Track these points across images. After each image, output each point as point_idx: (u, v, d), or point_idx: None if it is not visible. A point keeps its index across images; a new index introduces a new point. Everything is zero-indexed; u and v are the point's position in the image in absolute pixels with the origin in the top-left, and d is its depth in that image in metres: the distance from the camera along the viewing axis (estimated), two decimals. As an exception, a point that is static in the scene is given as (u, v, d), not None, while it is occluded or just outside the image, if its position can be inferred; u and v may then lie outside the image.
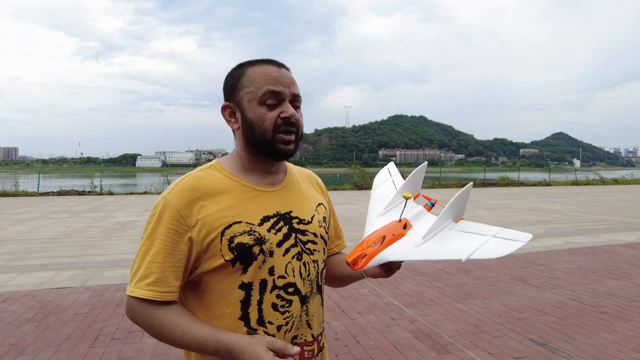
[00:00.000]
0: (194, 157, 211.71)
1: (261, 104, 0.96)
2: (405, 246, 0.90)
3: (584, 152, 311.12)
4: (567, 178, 28.49)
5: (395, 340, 3.25)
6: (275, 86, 0.96)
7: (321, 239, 1.07)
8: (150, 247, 0.91)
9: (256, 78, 0.97)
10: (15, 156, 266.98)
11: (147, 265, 0.90)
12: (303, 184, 1.14)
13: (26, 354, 2.96)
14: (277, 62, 1.01)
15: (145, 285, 0.89)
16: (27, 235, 7.72)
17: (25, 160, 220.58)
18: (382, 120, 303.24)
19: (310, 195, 1.12)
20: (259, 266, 0.94)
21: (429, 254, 0.86)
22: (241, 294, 0.94)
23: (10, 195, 16.35)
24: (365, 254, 0.90)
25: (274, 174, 1.05)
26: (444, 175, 26.74)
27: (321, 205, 1.13)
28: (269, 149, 0.98)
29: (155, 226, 0.92)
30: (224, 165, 1.02)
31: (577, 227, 8.91)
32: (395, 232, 0.94)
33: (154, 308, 0.90)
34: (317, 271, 1.05)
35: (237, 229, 0.93)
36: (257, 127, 0.97)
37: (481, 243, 0.82)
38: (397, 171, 1.23)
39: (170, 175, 21.87)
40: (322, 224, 1.09)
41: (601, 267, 5.45)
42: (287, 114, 0.96)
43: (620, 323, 3.57)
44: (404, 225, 0.96)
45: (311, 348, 1.02)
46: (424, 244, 0.88)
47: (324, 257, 1.09)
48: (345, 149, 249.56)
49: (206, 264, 0.93)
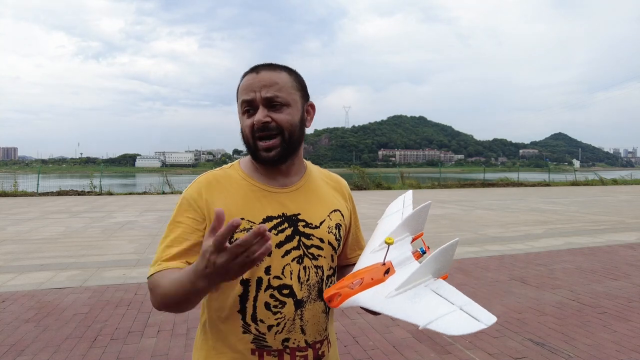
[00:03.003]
0: (193, 157, 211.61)
1: (242, 114, 1.01)
2: (378, 295, 0.86)
3: (583, 153, 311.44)
4: (567, 178, 28.51)
5: (394, 340, 3.25)
6: (247, 94, 0.98)
7: (329, 245, 1.05)
8: (169, 234, 0.99)
9: (241, 89, 1.01)
10: (15, 156, 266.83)
11: (164, 249, 0.97)
12: (323, 188, 1.12)
13: (25, 354, 2.96)
14: (258, 66, 1.01)
15: (159, 262, 0.95)
16: (27, 236, 7.71)
17: (25, 160, 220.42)
18: (382, 120, 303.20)
19: (326, 200, 1.10)
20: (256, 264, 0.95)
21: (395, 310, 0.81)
22: (240, 289, 0.98)
23: (9, 195, 16.33)
24: (340, 293, 0.88)
25: (284, 177, 1.05)
26: (443, 176, 26.75)
27: (337, 212, 1.11)
28: (254, 156, 1.02)
29: (175, 216, 1.01)
30: (242, 165, 1.08)
31: (577, 227, 8.91)
32: (375, 276, 0.89)
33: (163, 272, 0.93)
34: (319, 277, 1.03)
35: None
36: (243, 136, 1.02)
37: (444, 313, 0.77)
38: (411, 202, 1.16)
39: (170, 175, 21.88)
40: (332, 230, 1.07)
41: (600, 268, 5.46)
42: (255, 120, 0.97)
43: (619, 323, 3.57)
44: (387, 270, 0.91)
45: (304, 354, 1.01)
46: (395, 297, 0.84)
47: (331, 263, 1.07)
48: (344, 149, 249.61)
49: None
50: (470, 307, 0.78)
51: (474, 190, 20.92)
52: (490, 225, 9.23)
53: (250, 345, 0.99)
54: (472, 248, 6.65)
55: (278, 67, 1.02)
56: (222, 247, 0.72)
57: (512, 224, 9.28)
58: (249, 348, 0.99)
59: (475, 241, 7.30)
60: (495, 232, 8.31)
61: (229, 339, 1.01)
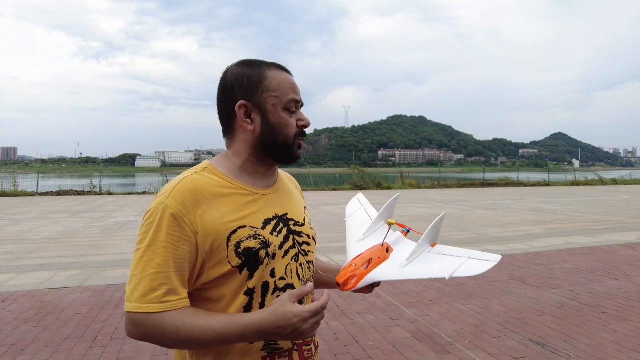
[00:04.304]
0: (193, 157, 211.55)
1: (284, 110, 0.98)
2: (391, 268, 1.01)
3: (583, 153, 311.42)
4: (567, 178, 28.52)
5: (394, 340, 3.25)
6: (297, 95, 1.01)
7: (313, 240, 1.10)
8: (154, 257, 0.84)
9: (282, 84, 0.98)
10: (15, 156, 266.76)
11: (153, 277, 0.84)
12: (289, 185, 1.16)
13: (25, 354, 2.96)
14: (285, 67, 1.04)
15: (155, 298, 0.83)
16: (26, 235, 7.71)
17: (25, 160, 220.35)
18: (382, 120, 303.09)
19: (297, 197, 1.15)
20: (263, 269, 0.94)
21: (414, 273, 0.97)
22: (245, 299, 0.92)
23: (9, 195, 16.32)
24: (355, 274, 1.00)
25: (269, 177, 1.06)
26: (443, 176, 26.75)
27: (306, 208, 1.17)
28: (286, 153, 1.00)
29: (156, 234, 0.85)
30: (218, 167, 0.99)
31: (576, 227, 8.91)
32: (379, 255, 1.04)
33: (162, 315, 0.83)
34: (312, 272, 1.07)
35: (243, 233, 0.91)
36: (280, 132, 0.98)
37: (460, 263, 0.94)
38: (367, 201, 1.37)
39: (170, 175, 21.88)
40: (312, 226, 1.13)
41: (600, 268, 5.46)
42: (304, 122, 1.02)
43: (619, 323, 3.57)
44: (387, 249, 1.06)
45: (309, 348, 1.04)
46: (408, 265, 1.00)
47: (314, 258, 1.13)
48: (344, 149, 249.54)
49: (211, 271, 0.90)
50: (476, 254, 0.97)
51: (473, 190, 20.92)
52: (490, 225, 9.23)
53: (261, 354, 0.94)
54: (472, 248, 6.64)
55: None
56: (316, 314, 0.84)
57: (511, 224, 9.28)
58: (260, 356, 0.94)
59: (475, 241, 7.30)
60: (495, 232, 8.31)
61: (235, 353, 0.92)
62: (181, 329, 0.83)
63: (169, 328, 0.83)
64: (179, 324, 0.83)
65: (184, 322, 0.84)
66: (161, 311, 0.83)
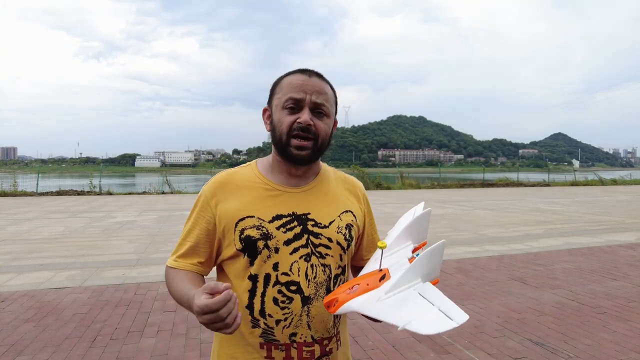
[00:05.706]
0: (193, 157, 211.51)
1: (283, 108, 1.03)
2: (370, 299, 0.88)
3: (583, 153, 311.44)
4: (566, 178, 28.53)
5: (394, 340, 3.25)
6: (297, 93, 1.01)
7: (337, 245, 1.08)
8: (185, 228, 1.10)
9: (285, 85, 1.04)
10: (14, 156, 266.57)
11: (180, 243, 1.10)
12: (336, 189, 1.15)
13: (25, 354, 2.96)
14: (309, 71, 1.06)
15: (175, 257, 1.09)
16: (26, 235, 7.71)
17: (24, 160, 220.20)
18: (382, 120, 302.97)
19: (338, 200, 1.13)
20: (264, 260, 1.02)
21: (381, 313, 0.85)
22: (249, 284, 1.03)
23: (9, 195, 16.32)
24: (338, 299, 0.91)
25: (300, 177, 1.09)
26: (443, 176, 26.76)
27: (349, 213, 1.13)
28: (283, 151, 1.04)
29: (192, 211, 1.10)
30: (259, 164, 1.13)
31: (576, 227, 8.92)
32: (370, 282, 0.92)
33: (172, 270, 1.08)
34: (327, 276, 1.06)
35: (249, 222, 1.03)
36: (277, 130, 1.04)
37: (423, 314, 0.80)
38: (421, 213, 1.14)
39: (170, 175, 21.87)
40: (342, 231, 1.09)
41: (600, 268, 5.46)
42: (300, 119, 1.01)
43: (619, 323, 3.57)
44: (383, 276, 0.93)
45: (310, 349, 1.04)
46: (385, 300, 0.86)
47: (340, 262, 1.09)
48: (344, 149, 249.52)
49: (225, 251, 1.06)
50: (448, 307, 0.81)
51: (473, 190, 20.92)
52: (489, 225, 9.23)
53: (259, 339, 1.03)
54: (472, 248, 6.65)
55: (325, 79, 1.08)
56: (204, 312, 0.81)
57: (511, 224, 9.28)
58: (258, 342, 1.03)
59: (475, 241, 7.30)
60: (495, 232, 8.31)
61: (240, 331, 1.04)
62: (171, 283, 1.05)
63: (169, 280, 1.07)
64: (172, 280, 1.06)
65: (174, 279, 1.05)
66: (173, 267, 1.08)
